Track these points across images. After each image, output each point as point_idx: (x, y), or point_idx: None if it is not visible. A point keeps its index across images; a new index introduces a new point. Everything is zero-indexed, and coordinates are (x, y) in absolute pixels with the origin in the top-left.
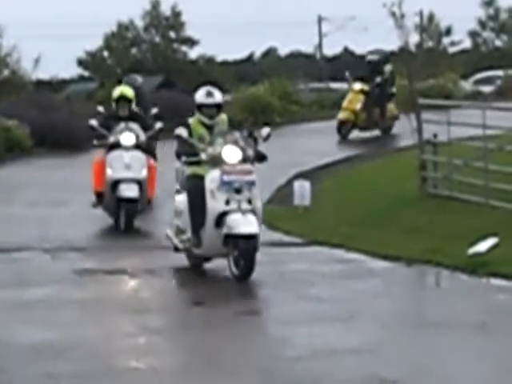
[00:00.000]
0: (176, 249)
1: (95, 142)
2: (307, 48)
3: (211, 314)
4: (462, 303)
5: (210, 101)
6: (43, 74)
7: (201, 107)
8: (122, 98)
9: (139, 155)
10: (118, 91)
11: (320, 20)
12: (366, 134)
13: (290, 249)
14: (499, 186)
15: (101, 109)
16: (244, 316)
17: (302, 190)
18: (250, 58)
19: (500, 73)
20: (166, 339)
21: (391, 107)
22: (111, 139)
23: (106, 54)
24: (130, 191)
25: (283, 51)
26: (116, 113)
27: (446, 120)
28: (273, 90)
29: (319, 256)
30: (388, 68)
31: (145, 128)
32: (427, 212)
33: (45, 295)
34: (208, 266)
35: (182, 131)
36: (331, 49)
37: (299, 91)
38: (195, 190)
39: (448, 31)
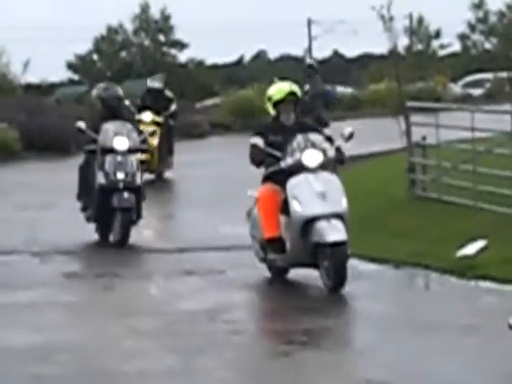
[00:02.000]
0: None
1: (85, 147)
2: (297, 51)
3: (199, 317)
4: (450, 306)
5: None
6: (33, 77)
7: None
8: (290, 98)
9: (333, 179)
10: (284, 88)
11: (310, 23)
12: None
13: None
14: (488, 188)
15: (82, 124)
16: (230, 319)
17: None
18: (239, 61)
19: (489, 76)
20: (155, 342)
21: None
22: (288, 161)
23: (95, 57)
24: (335, 233)
25: (273, 54)
26: (277, 120)
27: (434, 123)
28: (262, 93)
29: None
30: (170, 94)
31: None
32: (416, 215)
33: (33, 298)
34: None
35: None
36: (321, 52)
37: None
38: None
39: (437, 34)
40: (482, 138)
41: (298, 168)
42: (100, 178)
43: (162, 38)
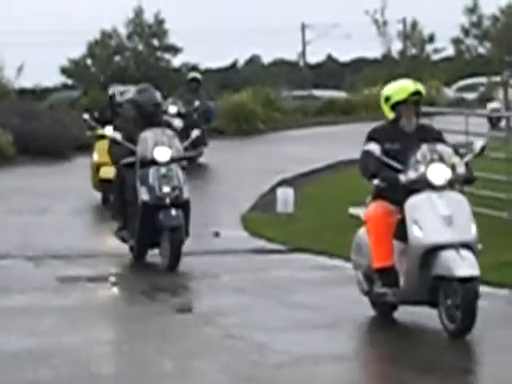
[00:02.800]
0: None
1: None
2: (290, 55)
3: (193, 321)
4: None
5: None
6: (26, 82)
7: None
8: (413, 98)
9: (462, 200)
10: (407, 86)
11: (303, 27)
12: None
13: (273, 256)
14: (482, 192)
15: (117, 135)
16: (225, 323)
17: (285, 197)
18: (233, 65)
19: (483, 80)
20: (149, 346)
21: None
22: (409, 175)
23: (89, 61)
24: (466, 266)
25: (266, 59)
26: (395, 125)
27: None
28: (256, 97)
29: (302, 263)
30: None
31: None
32: None
33: (27, 302)
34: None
35: None
36: (314, 56)
37: (282, 99)
38: None
39: (431, 38)
40: None
41: (421, 185)
42: (143, 194)
43: (155, 42)
